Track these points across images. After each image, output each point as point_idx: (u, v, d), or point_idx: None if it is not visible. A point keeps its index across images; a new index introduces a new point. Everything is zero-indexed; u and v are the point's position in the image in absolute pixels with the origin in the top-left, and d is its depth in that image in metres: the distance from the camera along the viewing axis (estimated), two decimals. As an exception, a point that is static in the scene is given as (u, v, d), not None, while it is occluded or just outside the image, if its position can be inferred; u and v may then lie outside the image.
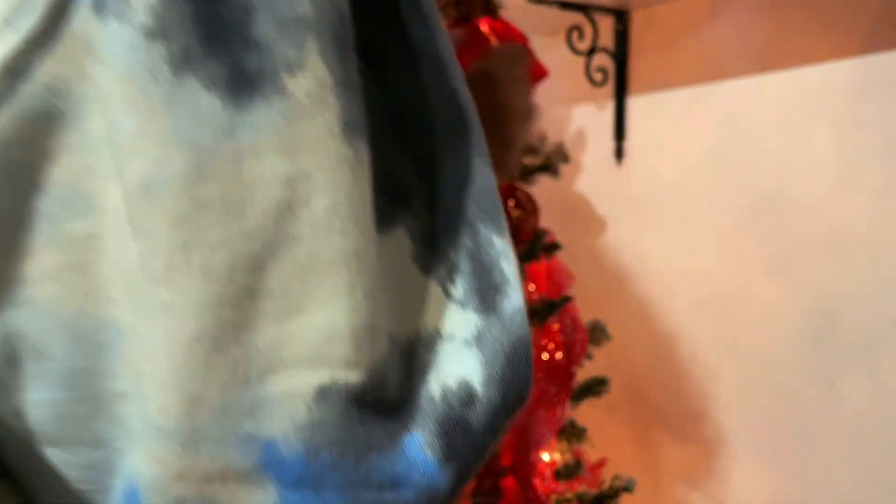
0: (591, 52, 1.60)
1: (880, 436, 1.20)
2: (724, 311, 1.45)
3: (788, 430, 1.34)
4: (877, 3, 1.17)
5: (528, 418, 1.06)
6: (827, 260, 1.26)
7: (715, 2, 1.44)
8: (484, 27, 1.20)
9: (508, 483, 1.04)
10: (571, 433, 1.26)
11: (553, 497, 1.12)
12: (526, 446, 1.05)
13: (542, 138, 1.18)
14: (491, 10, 1.16)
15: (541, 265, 1.29)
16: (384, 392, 0.26)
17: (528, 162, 1.18)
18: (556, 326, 1.14)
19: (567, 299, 1.15)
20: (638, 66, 1.62)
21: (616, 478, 1.21)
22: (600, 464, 1.42)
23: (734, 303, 1.43)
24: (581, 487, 1.26)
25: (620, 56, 1.63)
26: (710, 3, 1.45)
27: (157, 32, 0.22)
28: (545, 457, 1.12)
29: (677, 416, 1.57)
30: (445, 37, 0.30)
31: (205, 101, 0.23)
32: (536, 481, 1.05)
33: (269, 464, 0.24)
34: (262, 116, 0.23)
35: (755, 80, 1.37)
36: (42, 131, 0.23)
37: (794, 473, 1.33)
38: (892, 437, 1.18)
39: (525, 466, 1.04)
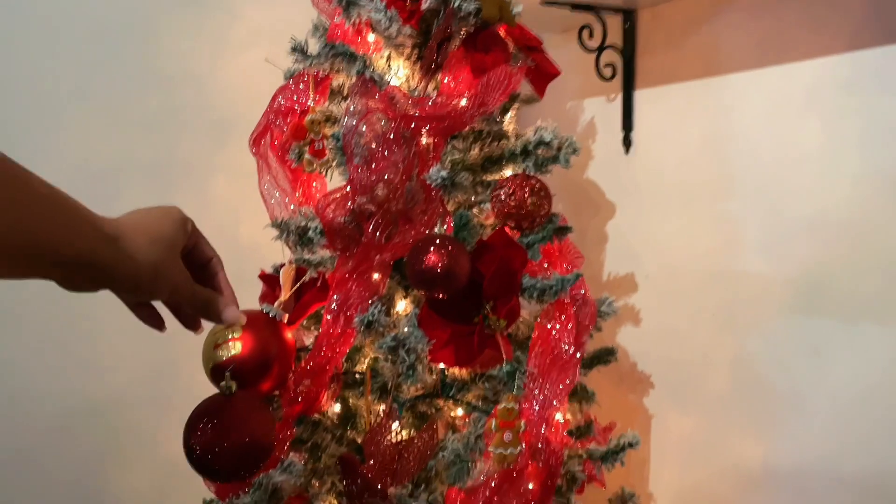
0: (601, 49, 1.70)
1: (863, 401, 1.30)
2: (722, 287, 1.55)
3: (780, 396, 1.44)
4: (862, 4, 1.25)
5: (543, 379, 1.19)
6: (815, 240, 1.36)
7: (716, 2, 1.53)
8: (500, 32, 1.32)
9: (526, 437, 1.17)
10: (582, 396, 1.37)
11: (566, 450, 1.24)
12: (541, 403, 1.17)
13: (555, 131, 1.27)
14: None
15: (554, 246, 1.40)
16: None
17: (542, 153, 1.28)
18: (567, 301, 1.25)
19: (577, 276, 1.26)
20: (644, 62, 1.72)
21: (623, 435, 1.33)
22: (609, 427, 1.53)
23: (731, 279, 1.53)
24: (591, 446, 1.38)
25: (628, 53, 1.73)
26: (711, 2, 1.54)
27: None
28: (559, 417, 1.24)
29: (679, 383, 1.68)
30: None
31: None
32: (550, 435, 1.18)
33: None
34: None
35: (751, 75, 1.46)
36: None
37: (785, 436, 1.43)
38: (874, 402, 1.28)
39: (540, 421, 1.16)
